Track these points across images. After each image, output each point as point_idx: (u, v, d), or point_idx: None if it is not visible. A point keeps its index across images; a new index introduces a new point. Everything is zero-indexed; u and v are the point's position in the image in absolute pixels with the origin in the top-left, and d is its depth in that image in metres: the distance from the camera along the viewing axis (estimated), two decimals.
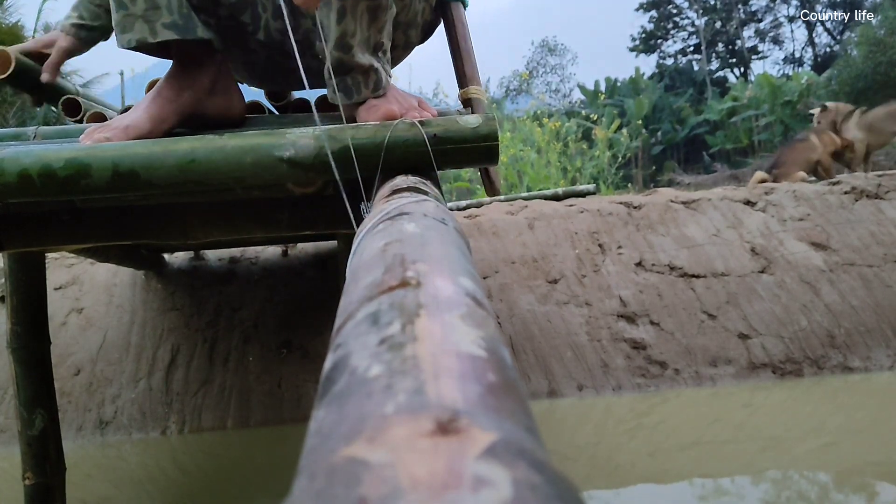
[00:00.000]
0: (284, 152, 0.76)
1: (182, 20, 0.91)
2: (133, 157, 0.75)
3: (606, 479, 1.35)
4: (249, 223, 1.00)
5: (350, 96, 0.96)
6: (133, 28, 0.90)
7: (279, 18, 1.03)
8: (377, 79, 0.95)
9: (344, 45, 0.90)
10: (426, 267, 0.28)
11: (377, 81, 0.95)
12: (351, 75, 0.94)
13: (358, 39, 0.90)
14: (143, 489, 1.51)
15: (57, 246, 1.01)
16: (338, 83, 0.95)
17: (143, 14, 0.90)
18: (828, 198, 2.40)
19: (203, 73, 0.98)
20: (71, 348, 1.99)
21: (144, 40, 0.90)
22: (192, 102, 0.97)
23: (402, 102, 0.94)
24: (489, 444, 0.13)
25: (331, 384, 0.19)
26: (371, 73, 0.94)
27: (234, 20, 1.02)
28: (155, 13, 0.90)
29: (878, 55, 10.99)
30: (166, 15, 0.90)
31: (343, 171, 0.75)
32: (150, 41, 0.90)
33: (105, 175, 0.74)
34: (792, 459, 1.39)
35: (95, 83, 10.54)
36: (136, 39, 0.90)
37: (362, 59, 0.92)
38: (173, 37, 0.91)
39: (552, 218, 2.33)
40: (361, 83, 0.94)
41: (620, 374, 1.91)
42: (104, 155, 0.74)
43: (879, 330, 2.01)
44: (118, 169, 0.74)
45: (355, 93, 0.95)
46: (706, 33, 23.86)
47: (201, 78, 0.97)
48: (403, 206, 0.46)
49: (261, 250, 2.24)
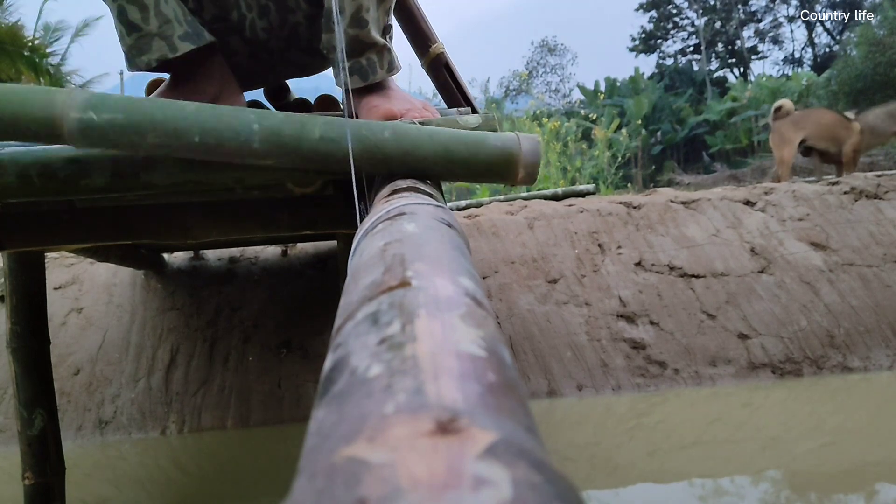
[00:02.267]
0: None
1: (191, 28, 0.90)
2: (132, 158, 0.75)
3: (606, 478, 1.35)
4: (249, 223, 1.00)
5: (366, 77, 0.93)
6: (150, 48, 0.88)
7: (264, 17, 1.02)
8: (391, 59, 0.94)
9: (360, 21, 0.88)
10: (426, 267, 0.28)
11: (391, 62, 0.94)
12: (366, 55, 0.92)
13: (371, 16, 0.89)
14: (143, 489, 1.51)
15: (57, 246, 1.01)
16: (353, 66, 0.93)
17: (158, 31, 0.87)
18: (827, 198, 2.40)
19: (209, 82, 0.95)
20: (70, 348, 1.99)
21: (165, 57, 0.88)
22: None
23: (403, 103, 0.94)
24: (489, 444, 0.13)
25: (331, 384, 0.19)
26: (385, 51, 0.93)
27: (219, 21, 1.01)
28: (169, 27, 0.88)
29: (878, 55, 10.99)
30: (178, 27, 0.88)
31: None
32: (170, 56, 0.88)
33: (105, 175, 0.74)
34: (791, 459, 1.39)
35: (95, 83, 10.54)
36: (155, 59, 0.88)
37: (377, 36, 0.91)
38: (191, 47, 0.89)
39: (552, 218, 2.33)
40: (377, 62, 0.92)
41: (620, 373, 1.91)
42: (104, 155, 0.74)
43: (879, 330, 2.01)
44: (118, 169, 0.74)
45: (371, 73, 0.93)
46: (706, 33, 23.86)
47: (208, 86, 0.95)
48: (403, 206, 0.46)
49: (260, 250, 2.24)
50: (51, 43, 9.53)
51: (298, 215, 0.98)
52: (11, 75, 8.76)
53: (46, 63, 8.85)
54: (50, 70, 8.82)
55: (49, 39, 9.57)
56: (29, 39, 8.72)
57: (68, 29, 9.94)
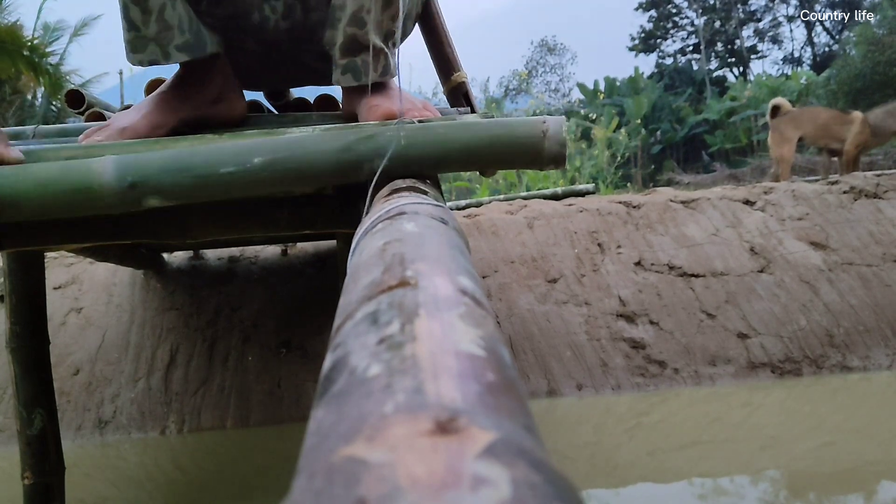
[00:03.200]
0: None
1: (193, 37, 0.90)
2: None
3: (606, 478, 1.35)
4: (249, 223, 1.00)
5: (358, 77, 0.94)
6: (145, 50, 0.89)
7: (288, 18, 1.01)
8: (386, 63, 0.94)
9: (359, 21, 0.89)
10: (425, 266, 0.28)
11: (385, 66, 0.94)
12: (361, 56, 0.93)
13: (372, 18, 0.90)
14: (143, 489, 1.51)
15: (56, 246, 1.01)
16: (347, 64, 0.94)
17: (155, 37, 0.88)
18: (827, 197, 2.40)
19: (211, 85, 0.96)
20: (70, 348, 1.99)
21: (156, 62, 0.90)
22: (195, 111, 0.95)
23: (403, 102, 0.94)
24: (488, 444, 0.13)
25: (330, 384, 0.19)
26: (381, 55, 0.93)
27: (234, 20, 1.00)
28: (167, 35, 0.88)
29: (877, 55, 10.99)
30: (178, 36, 0.88)
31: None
32: (162, 63, 0.90)
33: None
34: (791, 459, 1.39)
35: (95, 83, 10.53)
36: (147, 60, 0.90)
37: (376, 39, 0.91)
38: (185, 58, 0.90)
39: (551, 217, 2.33)
40: (371, 64, 0.93)
41: (620, 373, 1.91)
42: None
43: (878, 329, 2.01)
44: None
45: (363, 74, 0.93)
46: (705, 33, 23.86)
47: (209, 89, 0.96)
48: (403, 205, 0.46)
49: (260, 250, 2.23)
50: (50, 42, 9.52)
51: (298, 215, 0.98)
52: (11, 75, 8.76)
53: (46, 63, 8.85)
54: (49, 70, 8.82)
55: (48, 39, 9.56)
56: (28, 39, 8.71)
57: (67, 28, 9.93)
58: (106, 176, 0.69)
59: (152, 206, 0.71)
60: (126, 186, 0.69)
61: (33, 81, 9.29)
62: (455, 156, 0.72)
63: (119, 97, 10.63)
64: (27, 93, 10.34)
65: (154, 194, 0.70)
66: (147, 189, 0.69)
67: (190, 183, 0.69)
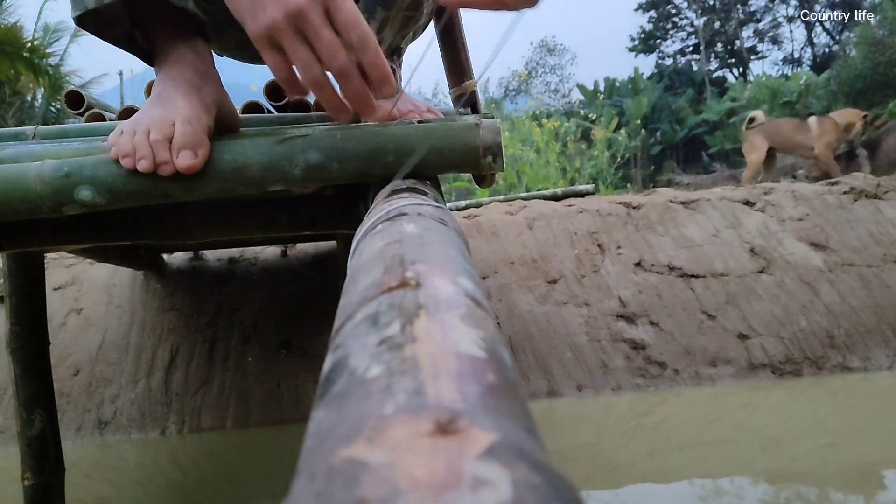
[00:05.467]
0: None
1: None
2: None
3: (606, 479, 1.35)
4: (249, 223, 1.00)
5: None
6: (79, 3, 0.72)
7: None
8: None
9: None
10: (425, 267, 0.28)
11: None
12: None
13: (385, 42, 0.90)
14: (143, 489, 1.51)
15: (56, 246, 1.01)
16: None
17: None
18: (827, 198, 2.40)
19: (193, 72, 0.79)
20: (70, 348, 1.99)
21: (85, 7, 0.71)
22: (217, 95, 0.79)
23: (405, 104, 0.94)
24: (489, 445, 0.13)
25: (330, 385, 0.19)
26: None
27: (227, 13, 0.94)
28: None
29: (877, 55, 10.98)
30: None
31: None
32: (89, 7, 0.71)
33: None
34: (791, 459, 1.39)
35: (94, 83, 10.54)
36: (76, 14, 0.73)
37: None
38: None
39: (551, 218, 2.33)
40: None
41: (620, 374, 1.91)
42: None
43: (879, 330, 2.01)
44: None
45: None
46: (705, 33, 23.86)
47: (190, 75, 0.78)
48: (403, 206, 0.46)
49: (260, 250, 2.23)
50: (50, 43, 9.52)
51: (298, 215, 0.98)
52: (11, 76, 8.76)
53: (45, 64, 8.85)
54: (49, 71, 8.82)
55: (48, 40, 9.56)
56: (28, 40, 8.71)
57: (67, 30, 9.92)
58: (44, 167, 0.67)
59: (83, 200, 0.68)
60: (61, 175, 0.67)
61: (33, 83, 9.29)
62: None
63: (119, 98, 10.65)
64: (27, 94, 10.34)
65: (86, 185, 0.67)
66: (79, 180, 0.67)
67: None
